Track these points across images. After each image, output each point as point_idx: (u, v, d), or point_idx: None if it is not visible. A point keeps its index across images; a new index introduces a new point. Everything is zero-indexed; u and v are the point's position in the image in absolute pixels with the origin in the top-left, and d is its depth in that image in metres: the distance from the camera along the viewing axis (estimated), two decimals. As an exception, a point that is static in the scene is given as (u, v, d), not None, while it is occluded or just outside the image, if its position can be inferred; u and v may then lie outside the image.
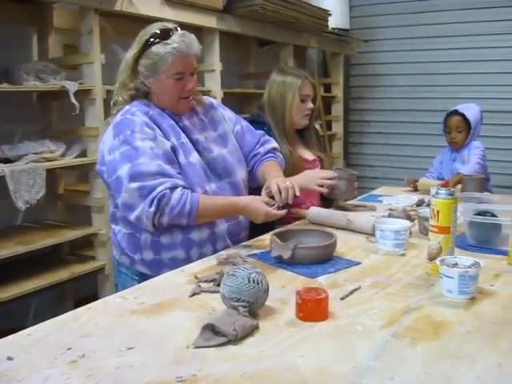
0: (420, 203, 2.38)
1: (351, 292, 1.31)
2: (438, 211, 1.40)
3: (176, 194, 1.61)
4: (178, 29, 1.72)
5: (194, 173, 1.72)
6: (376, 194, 2.79)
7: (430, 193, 2.29)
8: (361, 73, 5.57)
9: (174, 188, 1.61)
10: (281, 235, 1.62)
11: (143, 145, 1.63)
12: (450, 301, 1.24)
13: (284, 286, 1.36)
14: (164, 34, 1.68)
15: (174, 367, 0.95)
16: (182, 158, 1.72)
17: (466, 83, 4.80)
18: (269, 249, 1.61)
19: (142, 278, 1.67)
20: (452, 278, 1.24)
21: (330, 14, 4.48)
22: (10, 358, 0.98)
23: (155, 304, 1.25)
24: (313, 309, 1.14)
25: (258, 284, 1.15)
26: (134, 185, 1.59)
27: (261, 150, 2.01)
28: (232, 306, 1.13)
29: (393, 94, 5.32)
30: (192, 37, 1.73)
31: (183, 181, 1.67)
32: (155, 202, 1.58)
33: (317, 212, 2.03)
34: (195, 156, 1.76)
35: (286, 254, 1.51)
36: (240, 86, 4.26)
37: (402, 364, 0.96)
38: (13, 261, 2.40)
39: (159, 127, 1.72)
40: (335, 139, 5.30)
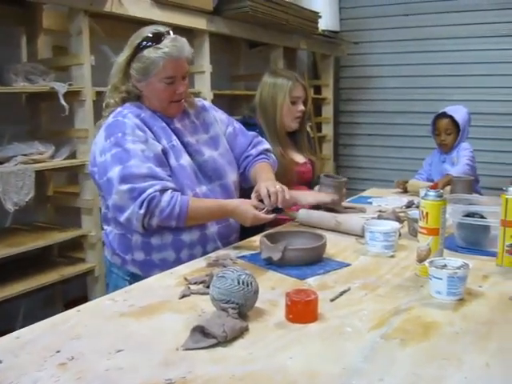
0: (409, 205, 2.39)
1: (341, 293, 1.31)
2: (427, 213, 1.40)
3: (166, 197, 1.61)
4: (170, 32, 1.72)
5: (184, 175, 1.73)
6: (366, 196, 2.80)
7: (419, 194, 2.30)
8: (351, 75, 5.58)
9: (164, 190, 1.62)
10: (271, 237, 1.63)
11: (134, 147, 1.63)
12: (439, 302, 1.25)
13: (274, 287, 1.36)
14: (156, 38, 1.69)
15: (163, 369, 0.95)
16: (173, 160, 1.72)
17: (455, 85, 4.83)
18: (259, 250, 1.61)
19: (134, 278, 1.68)
20: (441, 279, 1.25)
21: (320, 16, 4.49)
22: (-2, 361, 0.97)
23: (145, 306, 1.25)
24: (302, 310, 1.14)
25: (247, 286, 1.15)
26: (124, 187, 1.60)
27: (253, 151, 2.01)
28: (222, 307, 1.13)
29: (383, 96, 5.33)
30: (183, 41, 1.74)
31: (174, 183, 1.67)
32: (145, 204, 1.58)
33: (307, 214, 2.03)
34: (186, 158, 1.76)
35: (276, 256, 1.51)
36: (230, 88, 4.25)
37: (392, 365, 0.96)
38: (2, 263, 2.38)
39: (150, 129, 1.72)
40: (325, 141, 5.30)
